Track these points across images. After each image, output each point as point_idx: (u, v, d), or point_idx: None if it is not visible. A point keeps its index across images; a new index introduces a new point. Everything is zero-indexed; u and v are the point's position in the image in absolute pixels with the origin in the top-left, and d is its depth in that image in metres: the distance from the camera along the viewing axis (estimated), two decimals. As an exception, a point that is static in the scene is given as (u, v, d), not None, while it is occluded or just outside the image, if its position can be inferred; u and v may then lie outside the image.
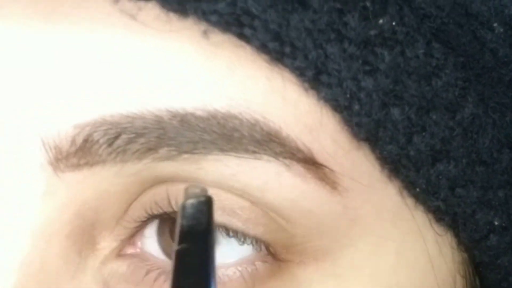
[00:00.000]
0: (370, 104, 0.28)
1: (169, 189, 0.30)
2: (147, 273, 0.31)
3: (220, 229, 0.30)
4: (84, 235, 0.30)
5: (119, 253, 0.31)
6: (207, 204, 0.27)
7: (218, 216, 0.30)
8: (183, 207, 0.26)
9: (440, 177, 0.31)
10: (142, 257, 0.31)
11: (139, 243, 0.31)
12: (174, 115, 0.28)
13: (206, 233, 0.26)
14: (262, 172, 0.29)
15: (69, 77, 0.28)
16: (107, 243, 0.31)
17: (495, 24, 0.33)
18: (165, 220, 0.31)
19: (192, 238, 0.25)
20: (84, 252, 0.30)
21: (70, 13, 0.28)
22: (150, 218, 0.31)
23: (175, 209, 0.30)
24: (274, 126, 0.28)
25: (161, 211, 0.30)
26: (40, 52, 0.28)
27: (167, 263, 0.31)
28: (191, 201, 0.27)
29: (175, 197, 0.30)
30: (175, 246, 0.26)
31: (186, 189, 0.28)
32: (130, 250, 0.31)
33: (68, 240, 0.29)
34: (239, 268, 0.31)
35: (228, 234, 0.30)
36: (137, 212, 0.31)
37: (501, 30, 0.33)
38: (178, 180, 0.30)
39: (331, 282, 0.31)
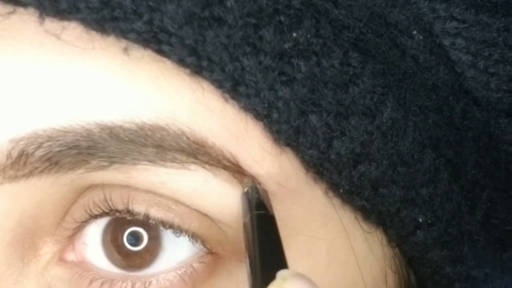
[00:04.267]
0: (288, 112, 0.30)
1: (105, 190, 0.32)
2: (91, 282, 0.32)
3: (157, 223, 0.32)
4: (25, 242, 0.32)
5: (60, 258, 0.33)
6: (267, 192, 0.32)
7: (155, 211, 0.32)
8: (255, 187, 0.31)
9: (362, 178, 0.33)
10: (85, 266, 0.33)
11: (80, 250, 0.33)
12: (103, 128, 0.29)
13: (271, 206, 0.31)
14: (190, 180, 0.31)
15: (2, 94, 0.29)
16: (48, 248, 0.32)
17: (415, 32, 0.34)
18: (107, 228, 0.33)
19: (265, 208, 0.31)
20: (26, 258, 0.32)
21: (1, 35, 0.29)
22: (90, 218, 0.32)
23: (112, 207, 0.32)
24: (201, 136, 0.30)
25: (100, 210, 0.32)
26: None
27: (109, 273, 0.33)
28: (258, 185, 0.32)
29: (110, 196, 0.32)
30: (251, 212, 0.31)
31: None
32: (71, 256, 0.33)
33: (10, 248, 0.31)
34: (179, 272, 0.33)
35: (165, 227, 0.32)
36: (77, 212, 0.32)
37: (421, 37, 0.35)
38: (112, 185, 0.31)
39: None
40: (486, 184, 0.39)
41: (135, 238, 0.33)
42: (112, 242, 0.33)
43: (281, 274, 0.27)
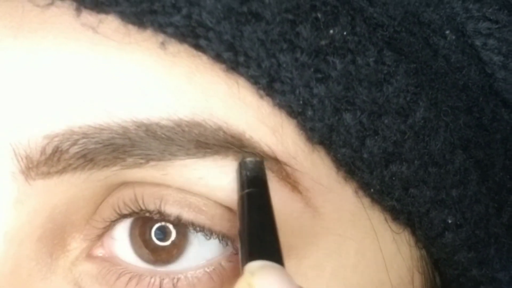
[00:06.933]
0: (323, 109, 0.30)
1: (136, 190, 0.31)
2: (119, 277, 0.32)
3: (188, 225, 0.32)
4: (54, 238, 0.31)
5: (89, 254, 0.32)
6: (262, 162, 0.31)
7: (185, 213, 0.31)
8: (244, 162, 0.30)
9: (394, 178, 0.32)
10: (113, 261, 0.33)
11: (108, 245, 0.33)
12: (139, 126, 0.29)
13: (266, 181, 0.30)
14: (228, 174, 0.30)
15: (38, 89, 0.29)
16: (77, 244, 0.32)
17: (447, 32, 0.34)
18: (135, 223, 0.33)
19: (256, 184, 0.30)
20: (55, 254, 0.32)
21: (37, 29, 0.29)
22: (120, 217, 0.32)
23: (143, 207, 0.31)
24: (238, 130, 0.30)
25: (130, 210, 0.32)
26: (9, 67, 0.29)
27: (137, 268, 0.33)
28: (250, 158, 0.30)
29: (141, 196, 0.31)
30: (241, 191, 0.30)
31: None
32: (99, 252, 0.33)
33: (39, 243, 0.31)
34: (207, 270, 0.32)
35: (195, 229, 0.32)
36: (107, 211, 0.32)
37: (453, 37, 0.34)
38: (144, 183, 0.31)
39: (296, 280, 0.32)
40: (513, 187, 0.39)
41: (163, 233, 0.33)
42: (140, 236, 0.33)
43: (249, 267, 0.26)
